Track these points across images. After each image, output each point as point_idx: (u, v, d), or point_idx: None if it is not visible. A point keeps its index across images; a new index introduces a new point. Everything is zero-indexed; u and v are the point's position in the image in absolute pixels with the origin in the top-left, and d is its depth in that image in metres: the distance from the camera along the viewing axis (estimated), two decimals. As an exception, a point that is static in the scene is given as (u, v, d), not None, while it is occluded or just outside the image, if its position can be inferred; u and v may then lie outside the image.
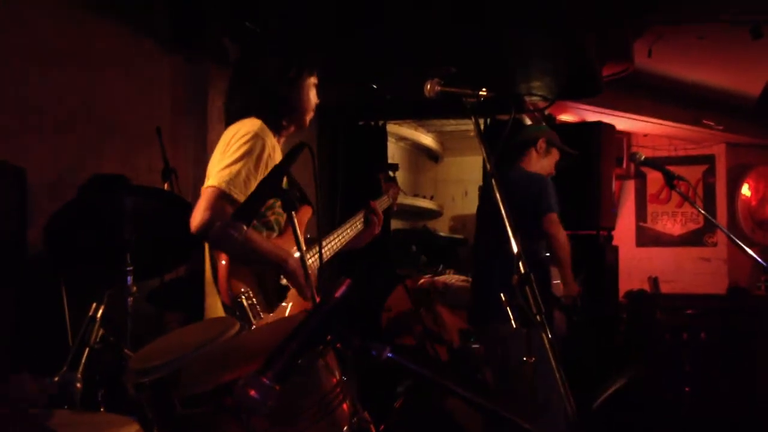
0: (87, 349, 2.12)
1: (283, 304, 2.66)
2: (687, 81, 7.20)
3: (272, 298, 2.63)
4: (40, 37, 3.93)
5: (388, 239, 3.26)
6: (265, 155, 2.60)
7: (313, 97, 2.85)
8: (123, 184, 3.44)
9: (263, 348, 1.56)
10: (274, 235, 2.73)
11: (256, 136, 2.60)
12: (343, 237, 2.98)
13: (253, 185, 2.56)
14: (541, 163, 3.93)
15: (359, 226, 3.09)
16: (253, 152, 2.57)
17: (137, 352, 2.07)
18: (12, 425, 2.05)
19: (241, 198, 2.53)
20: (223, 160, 2.58)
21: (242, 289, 2.53)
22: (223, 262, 2.55)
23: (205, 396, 1.57)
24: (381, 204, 3.34)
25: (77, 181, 3.74)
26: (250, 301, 2.52)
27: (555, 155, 3.98)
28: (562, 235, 3.71)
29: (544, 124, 4.17)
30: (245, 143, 2.58)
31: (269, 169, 2.61)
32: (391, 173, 4.88)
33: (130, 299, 3.30)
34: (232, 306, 2.50)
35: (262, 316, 2.54)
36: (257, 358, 1.47)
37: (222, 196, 2.51)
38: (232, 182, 2.52)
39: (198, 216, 2.50)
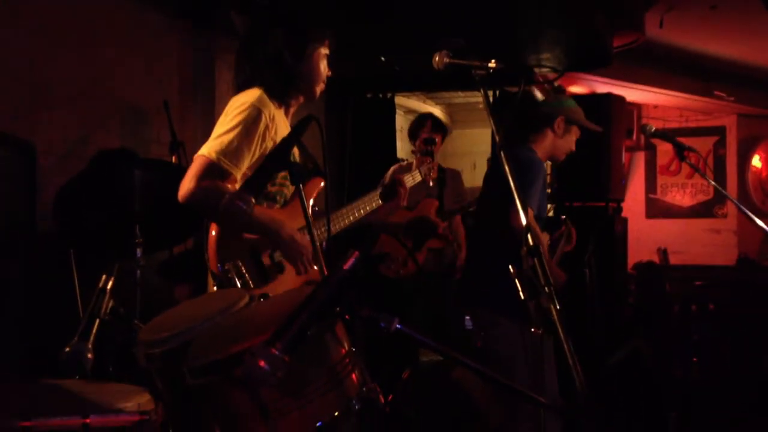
0: (97, 321, 2.13)
1: (280, 272, 2.65)
2: (698, 52, 7.13)
3: (266, 271, 2.62)
4: (47, 13, 3.92)
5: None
6: (261, 125, 2.58)
7: (323, 68, 2.81)
8: (131, 158, 3.45)
9: (272, 319, 1.57)
10: (276, 206, 2.72)
11: (252, 106, 2.58)
12: (358, 211, 2.94)
13: (246, 155, 2.55)
14: (558, 143, 3.71)
15: (377, 202, 3.03)
16: (247, 122, 2.55)
17: (147, 324, 2.08)
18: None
19: (232, 168, 2.52)
20: (218, 129, 2.58)
21: (233, 260, 2.52)
22: (213, 233, 2.54)
23: (215, 367, 1.58)
24: (410, 179, 3.29)
25: (86, 155, 3.76)
26: (238, 273, 2.52)
27: (576, 132, 3.78)
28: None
29: (566, 97, 3.91)
30: (240, 113, 2.57)
31: (266, 139, 2.60)
32: (428, 148, 4.85)
33: (139, 271, 3.33)
34: (221, 277, 2.50)
35: (251, 285, 2.53)
36: (267, 329, 1.47)
37: (211, 166, 2.50)
38: (222, 152, 2.50)
39: (186, 185, 2.49)
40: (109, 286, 2.18)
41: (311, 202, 2.80)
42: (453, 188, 5.36)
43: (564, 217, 3.95)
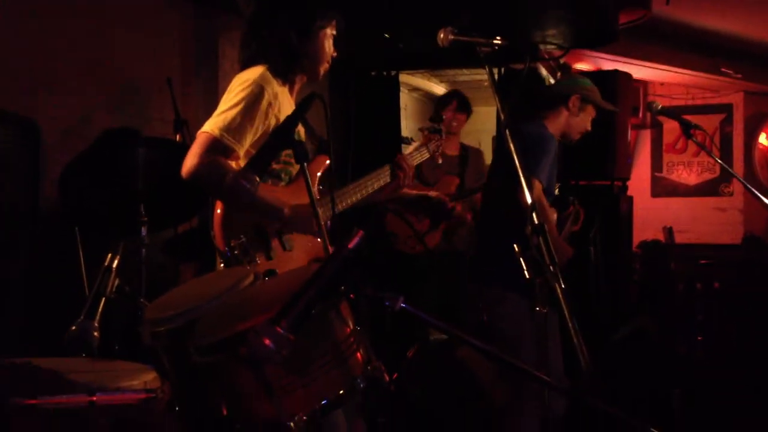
0: (103, 299, 2.13)
1: (287, 250, 2.66)
2: (705, 28, 7.07)
3: (272, 245, 2.63)
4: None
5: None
6: (264, 102, 2.58)
7: (328, 48, 2.80)
8: (135, 136, 3.44)
9: (278, 298, 1.57)
10: (281, 184, 2.72)
11: (255, 83, 2.58)
12: (364, 189, 2.93)
13: (248, 132, 2.55)
14: (573, 121, 3.69)
15: (385, 179, 3.02)
16: (249, 99, 2.55)
17: (153, 302, 2.09)
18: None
19: (234, 145, 2.52)
20: (221, 106, 2.58)
21: (238, 236, 2.53)
22: (218, 211, 2.55)
23: (220, 345, 1.58)
24: (417, 157, 3.29)
25: (89, 133, 3.75)
26: (244, 250, 2.53)
27: (591, 111, 3.75)
28: (538, 202, 3.51)
29: (581, 77, 3.87)
30: (243, 90, 2.57)
31: (269, 116, 2.60)
32: (436, 125, 4.84)
33: (144, 250, 3.33)
34: (227, 254, 2.51)
35: (258, 262, 2.55)
36: (272, 307, 1.48)
37: (214, 143, 2.50)
38: (225, 128, 2.51)
39: (189, 161, 2.50)
40: (114, 265, 2.18)
41: (317, 179, 2.80)
42: (474, 167, 5.36)
43: (572, 198, 3.93)
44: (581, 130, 3.72)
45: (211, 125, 2.53)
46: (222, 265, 2.61)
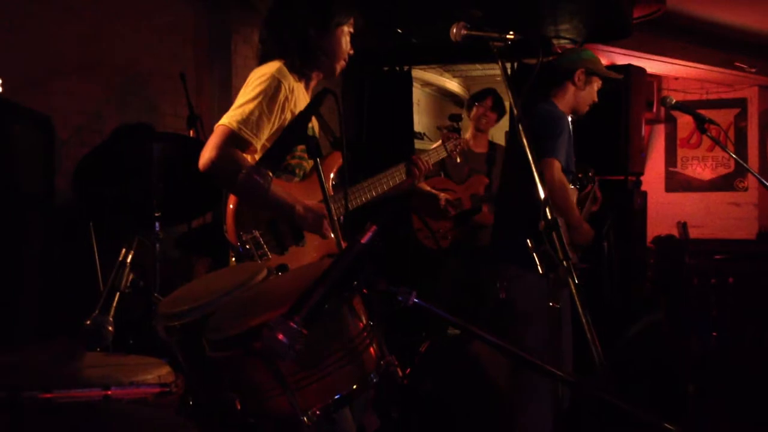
0: (117, 294, 2.15)
1: (299, 245, 2.67)
2: (719, 22, 7.02)
3: (284, 240, 2.64)
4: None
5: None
6: (281, 96, 2.59)
7: (345, 45, 2.81)
8: (149, 131, 3.46)
9: (291, 293, 1.58)
10: (296, 180, 2.73)
11: (272, 77, 2.60)
12: (379, 187, 2.94)
13: (266, 126, 2.56)
14: (580, 94, 3.69)
15: (400, 177, 3.01)
16: (267, 93, 2.57)
17: (167, 297, 2.10)
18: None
19: (252, 138, 2.53)
20: (239, 100, 2.59)
21: (251, 231, 2.54)
22: (231, 205, 2.56)
23: (234, 340, 1.59)
24: (434, 155, 3.30)
25: (102, 128, 3.77)
26: (257, 244, 2.54)
27: (597, 82, 3.76)
28: (555, 180, 3.50)
29: (582, 50, 3.86)
30: (260, 84, 2.59)
31: (285, 110, 2.61)
32: (455, 124, 4.82)
33: (158, 245, 3.35)
34: (239, 248, 2.52)
35: (270, 257, 2.56)
36: (285, 302, 1.48)
37: (232, 136, 2.52)
38: (243, 122, 2.52)
39: (206, 154, 2.51)
40: (129, 260, 2.19)
41: (331, 176, 2.80)
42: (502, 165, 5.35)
43: (591, 173, 3.91)
44: (589, 102, 3.74)
45: (229, 118, 2.54)
46: (234, 259, 2.63)
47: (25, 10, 3.69)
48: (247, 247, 2.54)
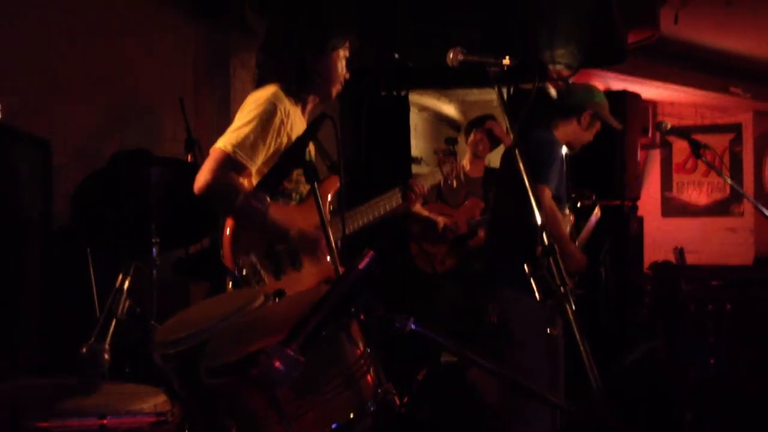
0: (114, 321, 2.14)
1: (297, 270, 2.67)
2: (714, 48, 7.07)
3: (282, 264, 2.64)
4: (62, 9, 3.94)
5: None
6: (276, 120, 2.60)
7: (341, 69, 2.83)
8: (147, 156, 3.46)
9: (288, 319, 1.57)
10: (292, 203, 2.73)
11: (268, 101, 2.61)
12: (376, 211, 2.94)
13: (261, 149, 2.57)
14: (581, 133, 3.73)
15: (396, 201, 3.02)
16: (263, 117, 2.58)
17: (163, 324, 2.09)
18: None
19: (247, 162, 2.54)
20: (235, 123, 2.61)
21: (248, 256, 2.54)
22: (228, 230, 2.56)
23: (231, 367, 1.58)
24: (430, 179, 3.30)
25: (101, 152, 3.77)
26: (254, 269, 2.54)
27: (597, 127, 3.80)
28: (546, 207, 3.50)
29: (596, 91, 3.88)
30: (256, 107, 2.60)
31: (281, 134, 2.62)
32: (450, 147, 4.84)
33: (155, 271, 3.34)
34: (236, 273, 2.52)
35: (266, 282, 2.55)
36: (282, 329, 1.48)
37: (227, 159, 2.53)
38: (239, 145, 2.53)
39: (202, 177, 2.52)
40: (125, 286, 2.18)
41: (328, 199, 2.81)
42: None
43: (592, 200, 3.93)
44: (584, 142, 3.78)
45: (225, 141, 2.55)
46: (231, 284, 2.62)
47: (25, 34, 3.71)
48: (244, 272, 2.54)
